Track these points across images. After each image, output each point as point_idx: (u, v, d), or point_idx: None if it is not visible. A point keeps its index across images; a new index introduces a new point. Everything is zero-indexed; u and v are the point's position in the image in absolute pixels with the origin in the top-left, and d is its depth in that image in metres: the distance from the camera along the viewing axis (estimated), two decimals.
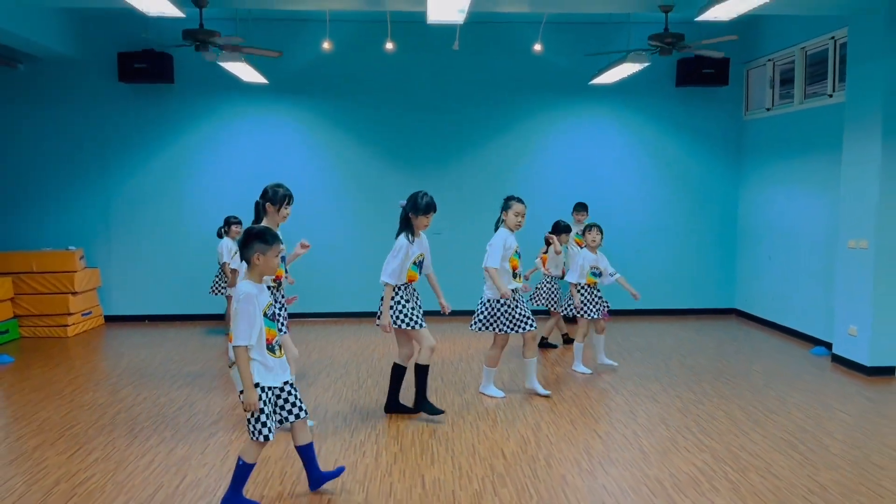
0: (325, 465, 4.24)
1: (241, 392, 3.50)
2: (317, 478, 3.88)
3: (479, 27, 8.32)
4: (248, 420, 3.56)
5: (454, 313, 5.61)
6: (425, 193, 5.04)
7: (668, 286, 9.09)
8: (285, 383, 3.69)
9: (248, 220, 7.96)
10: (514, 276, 5.43)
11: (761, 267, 8.63)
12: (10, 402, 5.54)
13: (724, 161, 9.15)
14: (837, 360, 6.70)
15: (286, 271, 4.94)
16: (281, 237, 4.46)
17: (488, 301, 5.47)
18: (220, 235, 7.99)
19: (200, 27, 6.23)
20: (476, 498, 3.81)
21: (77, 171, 8.63)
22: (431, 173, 8.83)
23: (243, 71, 7.62)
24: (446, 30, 7.78)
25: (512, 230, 5.42)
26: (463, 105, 8.88)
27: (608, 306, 6.52)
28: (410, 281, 5.04)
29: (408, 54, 8.52)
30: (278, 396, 3.67)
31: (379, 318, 5.01)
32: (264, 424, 3.54)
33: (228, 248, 7.87)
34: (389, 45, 7.95)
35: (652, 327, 8.23)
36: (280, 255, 3.77)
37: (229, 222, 7.92)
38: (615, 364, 6.53)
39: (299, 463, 3.97)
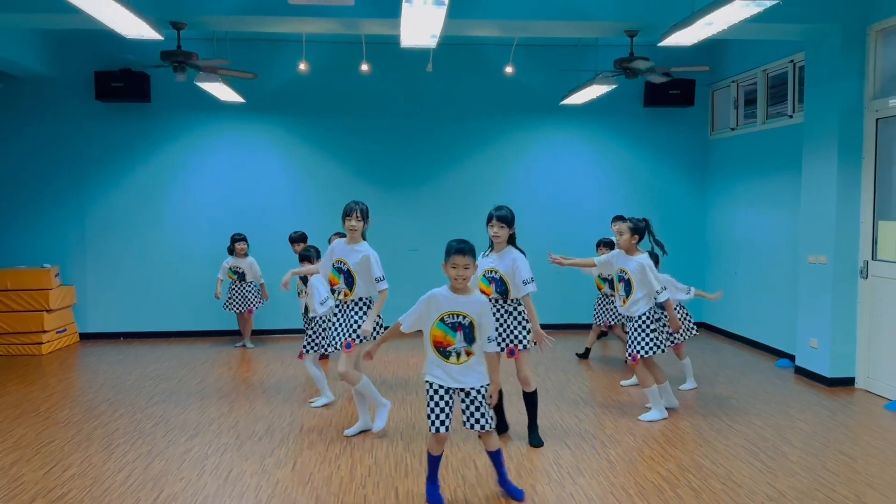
0: (299, 477, 4.34)
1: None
2: (504, 483, 4.09)
3: (453, 49, 8.52)
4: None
5: None
6: (497, 205, 4.92)
7: None
8: (471, 389, 3.87)
9: (251, 234, 8.16)
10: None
11: (728, 282, 8.86)
12: None
13: (690, 179, 9.41)
14: (800, 371, 6.92)
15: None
16: (349, 250, 5.00)
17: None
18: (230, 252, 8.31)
19: (178, 49, 6.34)
20: None
21: (53, 188, 8.66)
22: (407, 192, 8.99)
23: (220, 91, 7.72)
24: (420, 52, 7.97)
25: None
26: (437, 125, 9.06)
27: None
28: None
29: (383, 75, 8.69)
30: (462, 400, 3.92)
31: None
32: (437, 418, 3.88)
33: (222, 267, 8.23)
34: (365, 67, 8.12)
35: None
36: (466, 267, 3.86)
37: (233, 240, 8.27)
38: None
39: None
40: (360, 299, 5.03)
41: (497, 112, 9.11)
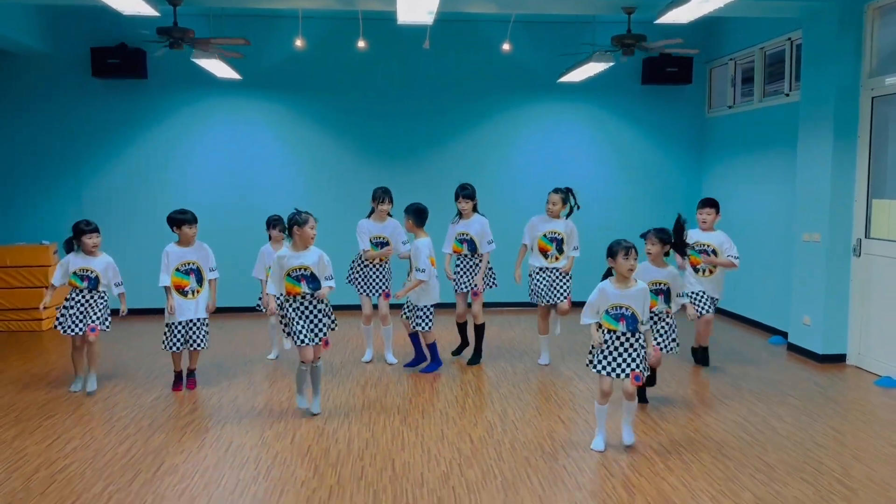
0: (298, 449, 4.42)
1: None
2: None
3: (450, 25, 8.49)
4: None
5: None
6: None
7: None
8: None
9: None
10: (546, 256, 6.33)
11: None
12: None
13: (687, 157, 9.43)
14: (793, 348, 7.00)
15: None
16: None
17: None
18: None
19: (174, 25, 6.33)
20: (443, 479, 4.01)
21: (50, 165, 8.67)
22: (403, 169, 9.00)
23: (217, 67, 7.70)
24: (417, 28, 7.94)
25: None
26: (434, 102, 9.05)
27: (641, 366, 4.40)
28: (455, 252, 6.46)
29: (380, 52, 8.66)
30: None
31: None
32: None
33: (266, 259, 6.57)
34: (361, 44, 8.09)
35: None
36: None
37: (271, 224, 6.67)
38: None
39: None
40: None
41: (495, 89, 9.11)
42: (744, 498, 3.78)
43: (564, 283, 6.30)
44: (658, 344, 5.03)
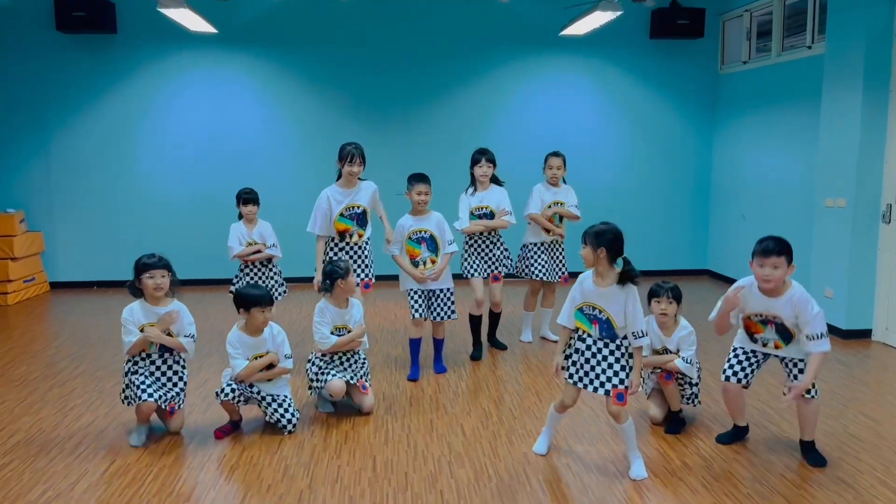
0: (268, 445, 3.93)
1: None
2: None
3: None
4: None
5: None
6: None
7: (638, 246, 8.75)
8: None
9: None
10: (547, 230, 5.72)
11: (734, 226, 8.39)
12: None
13: (698, 116, 8.83)
14: None
15: None
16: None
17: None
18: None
19: None
20: (430, 480, 3.52)
21: (14, 128, 8.07)
22: (395, 128, 8.43)
23: (190, 19, 7.08)
24: None
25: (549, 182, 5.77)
26: (428, 56, 8.42)
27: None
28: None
29: (367, 2, 8.02)
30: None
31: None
32: None
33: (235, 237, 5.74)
34: None
35: None
36: None
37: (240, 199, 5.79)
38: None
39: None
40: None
41: (492, 42, 8.46)
42: (774, 503, 3.29)
43: (562, 259, 5.84)
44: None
